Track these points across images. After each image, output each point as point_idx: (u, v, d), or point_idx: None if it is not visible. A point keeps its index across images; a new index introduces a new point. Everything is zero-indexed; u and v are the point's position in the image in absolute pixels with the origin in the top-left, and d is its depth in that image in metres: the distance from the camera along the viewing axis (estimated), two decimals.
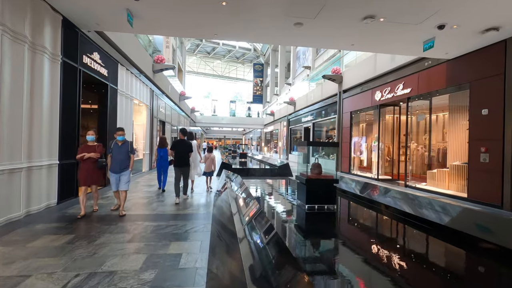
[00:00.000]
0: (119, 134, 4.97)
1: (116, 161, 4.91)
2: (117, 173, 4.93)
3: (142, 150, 11.38)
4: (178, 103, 19.20)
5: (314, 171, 4.27)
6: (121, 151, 4.95)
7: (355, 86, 11.87)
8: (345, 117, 12.71)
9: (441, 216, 3.24)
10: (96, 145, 4.94)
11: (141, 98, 10.68)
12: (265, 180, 9.07)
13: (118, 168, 4.92)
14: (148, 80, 11.57)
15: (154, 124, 12.77)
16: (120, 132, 5.00)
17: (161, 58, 12.03)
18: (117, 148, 4.94)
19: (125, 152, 4.98)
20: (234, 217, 3.49)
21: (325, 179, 4.16)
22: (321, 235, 3.42)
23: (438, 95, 7.89)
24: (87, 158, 4.75)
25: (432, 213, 3.36)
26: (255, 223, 2.73)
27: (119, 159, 4.92)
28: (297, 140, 21.10)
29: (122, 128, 5.11)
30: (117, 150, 4.94)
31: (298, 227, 3.64)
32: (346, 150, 12.47)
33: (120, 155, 4.93)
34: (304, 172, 4.39)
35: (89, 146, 4.88)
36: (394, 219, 3.94)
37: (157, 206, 5.53)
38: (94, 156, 4.81)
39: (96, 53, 6.95)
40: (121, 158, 4.93)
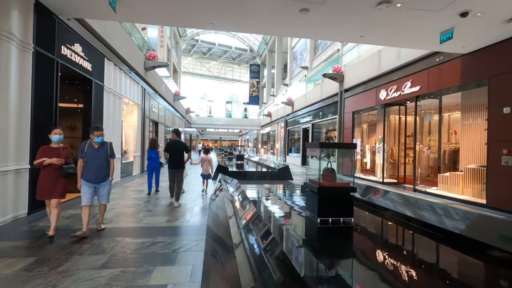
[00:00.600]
0: (97, 135, 3.89)
1: (92, 168, 3.85)
2: (93, 182, 3.87)
3: (132, 152, 10.62)
4: (173, 103, 18.45)
5: (327, 177, 3.60)
6: (99, 155, 3.90)
7: (358, 85, 11.27)
8: (347, 117, 12.11)
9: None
10: (61, 147, 3.87)
11: (131, 96, 9.94)
12: (265, 185, 8.39)
13: (95, 177, 3.86)
14: (139, 78, 10.84)
15: (146, 124, 12.02)
16: (97, 132, 3.90)
17: (153, 54, 11.31)
18: (93, 152, 3.88)
19: (103, 156, 3.94)
20: (232, 232, 2.83)
21: (340, 187, 3.49)
22: (339, 255, 2.76)
23: (450, 93, 7.30)
24: (48, 164, 3.69)
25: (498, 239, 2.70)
26: (259, 241, 2.07)
27: (96, 164, 3.87)
28: (295, 141, 20.46)
29: (101, 127, 4.03)
30: (93, 154, 3.87)
31: (310, 245, 2.95)
32: None
33: (97, 160, 3.88)
34: (314, 179, 3.72)
35: (52, 148, 3.81)
36: (428, 236, 3.28)
37: (143, 217, 4.81)
38: (57, 162, 3.72)
39: (77, 45, 6.22)
40: (98, 163, 3.89)
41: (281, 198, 5.64)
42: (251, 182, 8.99)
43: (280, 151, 23.32)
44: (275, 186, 7.30)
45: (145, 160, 11.56)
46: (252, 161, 17.26)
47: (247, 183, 8.97)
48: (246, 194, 3.97)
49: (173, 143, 5.93)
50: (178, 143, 5.96)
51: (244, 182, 8.75)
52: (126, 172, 9.98)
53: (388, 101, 9.43)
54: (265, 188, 6.63)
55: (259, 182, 9.13)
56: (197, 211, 5.41)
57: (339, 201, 3.48)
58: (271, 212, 4.33)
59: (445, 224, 2.93)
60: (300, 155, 18.11)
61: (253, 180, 9.66)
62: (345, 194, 3.51)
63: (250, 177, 9.99)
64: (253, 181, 9.36)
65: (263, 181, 9.64)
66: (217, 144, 56.86)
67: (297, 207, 4.62)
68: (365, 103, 10.77)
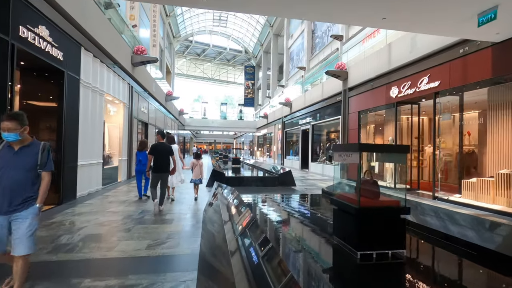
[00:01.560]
0: (3, 128, 2.14)
1: (4, 187, 2.17)
2: (2, 213, 2.16)
3: (117, 156, 9.46)
4: (165, 104, 17.32)
5: (367, 192, 2.56)
6: (16, 164, 2.21)
7: (364, 82, 10.36)
8: (352, 117, 11.17)
9: None
10: None
11: (115, 94, 8.81)
12: (267, 193, 7.35)
13: (7, 203, 2.16)
14: (125, 74, 9.72)
15: (134, 125, 10.88)
16: (6, 123, 2.14)
17: (142, 49, 10.21)
18: (9, 158, 2.21)
19: (25, 166, 2.24)
20: (234, 270, 1.82)
21: (388, 208, 2.46)
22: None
23: (478, 88, 6.39)
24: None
25: None
26: None
27: (10, 179, 2.17)
28: (293, 143, 19.44)
29: (12, 115, 2.20)
30: (8, 160, 2.21)
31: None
32: None
33: (12, 171, 2.19)
34: (349, 194, 2.68)
35: None
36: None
37: (118, 241, 3.71)
38: None
39: (43, 28, 5.11)
40: (13, 178, 2.19)
41: (293, 214, 4.57)
42: (251, 190, 7.94)
43: (277, 154, 22.32)
44: (280, 196, 6.22)
45: (132, 164, 10.43)
46: (250, 165, 16.17)
47: (246, 191, 7.91)
48: (250, 213, 2.93)
49: (158, 145, 5.47)
50: (163, 145, 5.50)
51: (243, 190, 7.68)
52: (110, 178, 8.82)
53: (401, 99, 8.50)
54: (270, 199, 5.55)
55: (260, 190, 8.08)
56: (188, 230, 4.33)
57: (386, 227, 2.44)
58: (288, 241, 3.24)
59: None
60: (299, 158, 17.12)
61: (253, 187, 8.61)
62: (395, 217, 2.48)
63: (249, 183, 8.94)
64: (253, 189, 8.30)
65: (264, 188, 8.59)
66: (212, 147, 55.62)
67: (319, 229, 3.54)
68: (373, 101, 9.85)
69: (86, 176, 6.93)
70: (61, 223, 4.46)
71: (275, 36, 33.77)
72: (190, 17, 35.79)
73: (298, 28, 26.61)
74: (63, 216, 4.92)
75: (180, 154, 7.03)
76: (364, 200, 2.42)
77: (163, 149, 5.42)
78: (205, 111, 31.87)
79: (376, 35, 13.79)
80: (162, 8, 29.09)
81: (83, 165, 6.68)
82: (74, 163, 6.31)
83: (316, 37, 23.42)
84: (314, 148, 15.44)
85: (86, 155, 6.85)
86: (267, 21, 33.52)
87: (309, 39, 24.01)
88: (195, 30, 38.95)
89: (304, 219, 4.01)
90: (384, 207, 2.43)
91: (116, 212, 5.30)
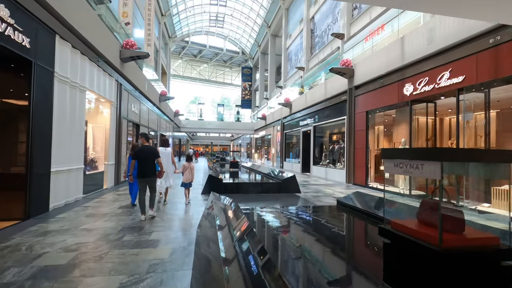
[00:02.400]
0: None
1: None
2: None
3: (103, 160, 8.48)
4: (158, 105, 16.34)
5: (446, 224, 1.63)
6: None
7: (373, 80, 9.53)
8: (359, 118, 10.33)
9: None
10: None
11: (100, 91, 7.86)
12: (271, 202, 6.45)
13: None
14: (112, 70, 8.77)
15: (123, 127, 9.91)
16: None
17: (131, 42, 9.28)
18: None
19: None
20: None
21: (482, 249, 1.54)
22: None
23: (506, 84, 5.57)
24: None
25: None
26: None
27: None
28: (293, 146, 18.55)
29: None
30: None
31: None
32: (362, 158, 10.05)
33: None
34: (414, 224, 1.75)
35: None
36: None
37: (80, 278, 2.77)
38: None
39: (1, 6, 4.17)
40: None
41: (313, 239, 3.63)
42: (252, 198, 7.02)
43: (276, 156, 21.43)
44: (289, 208, 5.32)
45: (121, 170, 9.47)
46: (249, 168, 15.23)
47: (246, 199, 7.00)
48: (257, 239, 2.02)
49: (142, 149, 5.11)
50: (147, 149, 5.15)
51: (242, 198, 6.74)
52: (94, 185, 7.85)
53: (416, 97, 7.68)
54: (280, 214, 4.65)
55: (261, 198, 7.16)
56: (176, 257, 3.39)
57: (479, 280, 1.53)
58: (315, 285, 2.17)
59: None
60: (300, 161, 16.24)
61: (254, 195, 7.69)
62: (492, 264, 1.57)
63: (249, 190, 8.02)
64: (254, 196, 7.39)
65: (266, 195, 7.68)
66: (208, 149, 54.59)
67: (359, 269, 2.53)
68: (383, 100, 9.01)
69: (63, 184, 5.96)
70: (16, 248, 3.50)
71: (273, 36, 33.01)
72: (187, 17, 34.90)
73: (297, 28, 25.86)
74: (23, 236, 3.95)
75: (173, 158, 6.63)
76: (446, 236, 1.47)
77: (147, 153, 5.06)
78: (201, 113, 30.90)
79: (380, 32, 13.04)
80: (157, 7, 28.18)
81: (58, 172, 5.71)
82: (45, 169, 5.34)
83: (315, 36, 22.67)
84: (316, 150, 14.57)
85: (62, 160, 5.88)
86: (265, 21, 32.78)
87: (308, 38, 23.26)
88: (191, 31, 38.07)
89: (330, 248, 3.04)
90: (479, 248, 1.50)
91: (91, 229, 4.34)
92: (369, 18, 14.87)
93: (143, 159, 4.98)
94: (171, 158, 6.48)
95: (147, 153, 5.03)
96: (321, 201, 6.98)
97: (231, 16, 36.06)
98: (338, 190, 9.08)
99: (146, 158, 5.00)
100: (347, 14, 17.07)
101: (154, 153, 5.13)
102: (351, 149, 10.76)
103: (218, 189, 7.81)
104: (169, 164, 6.38)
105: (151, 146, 5.35)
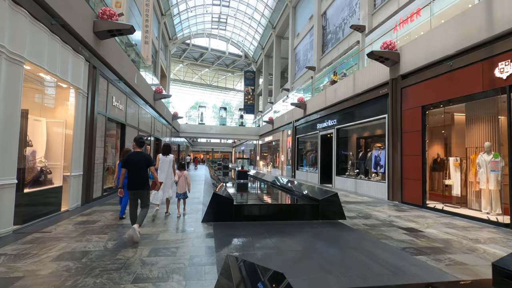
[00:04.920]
0: None
1: None
2: None
3: (61, 171, 5.80)
4: (153, 103, 13.75)
5: None
6: None
7: (432, 64, 6.99)
8: (409, 115, 7.74)
9: None
10: None
11: (55, 69, 5.25)
12: (315, 240, 3.75)
13: None
14: (81, 46, 6.20)
15: (99, 124, 7.30)
16: None
17: (110, 12, 6.73)
18: None
19: None
20: None
21: None
22: None
23: None
24: None
25: None
26: None
27: None
28: (307, 152, 15.92)
29: None
30: None
31: None
32: (415, 169, 7.41)
33: None
34: None
35: None
36: None
37: None
38: None
39: None
40: None
41: None
42: (281, 234, 4.34)
43: (285, 164, 18.75)
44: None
45: (94, 183, 6.85)
46: (262, 180, 12.48)
47: (271, 233, 4.33)
48: None
49: (131, 156, 4.19)
50: (137, 155, 4.21)
51: (265, 232, 4.08)
52: (45, 208, 5.18)
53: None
54: None
55: (295, 233, 4.48)
56: None
57: None
58: None
59: None
60: (317, 171, 13.56)
61: (280, 223, 5.01)
62: None
63: (272, 215, 5.35)
64: (282, 228, 4.70)
65: (299, 225, 5.01)
66: (209, 156, 51.87)
67: None
68: (454, 90, 6.43)
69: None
70: None
71: (278, 38, 30.75)
72: (188, 18, 32.71)
73: (306, 26, 23.57)
74: None
75: (173, 167, 5.79)
76: None
77: (138, 160, 4.20)
78: (202, 116, 28.31)
79: (416, 18, 10.63)
80: (157, 5, 25.95)
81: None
82: None
83: (327, 33, 20.33)
84: (340, 158, 11.92)
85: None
86: (269, 22, 30.58)
87: (320, 36, 20.93)
88: (192, 33, 35.87)
89: None
90: None
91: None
92: (397, 5, 12.50)
93: (133, 168, 4.16)
94: (172, 167, 5.68)
95: (138, 161, 4.17)
96: (388, 237, 4.32)
97: (234, 18, 33.92)
98: (393, 213, 6.42)
99: (136, 166, 4.16)
100: (368, 4, 14.73)
101: (146, 161, 4.26)
102: (395, 157, 8.14)
103: (227, 214, 5.15)
104: (169, 174, 5.64)
105: (143, 152, 4.38)
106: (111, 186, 8.74)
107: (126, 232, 4.19)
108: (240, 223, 5.07)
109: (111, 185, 8.87)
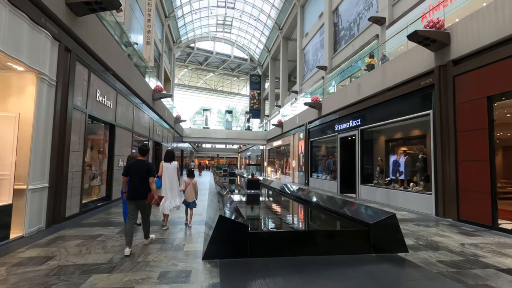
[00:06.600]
0: None
1: None
2: None
3: (11, 183, 4.17)
4: (151, 103, 12.22)
5: None
6: None
7: (502, 42, 5.30)
8: (467, 110, 6.01)
9: None
10: None
11: (5, 47, 3.70)
12: None
13: None
14: (44, 16, 4.68)
15: (75, 123, 5.72)
16: None
17: None
18: None
19: None
20: None
21: None
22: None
23: None
24: None
25: None
26: None
27: None
28: (322, 157, 14.16)
29: None
30: None
31: None
32: (477, 177, 5.65)
33: None
34: None
35: None
36: None
37: None
38: None
39: None
40: None
41: None
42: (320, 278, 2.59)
43: (297, 171, 17.00)
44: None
45: (68, 198, 5.25)
46: (278, 191, 10.71)
47: (306, 283, 2.61)
48: None
49: (132, 164, 4.00)
50: (138, 163, 4.01)
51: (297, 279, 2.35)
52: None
53: None
54: None
55: (335, 276, 2.72)
56: None
57: None
58: None
59: None
60: (336, 178, 11.79)
61: (315, 261, 3.28)
62: None
63: (302, 246, 3.64)
64: (321, 271, 2.96)
65: (344, 263, 3.28)
66: (214, 162, 50.29)
67: None
68: None
69: None
70: None
71: (285, 39, 29.28)
72: (192, 21, 31.54)
73: (315, 24, 22.06)
74: None
75: (178, 174, 5.28)
76: None
77: (139, 169, 3.92)
78: (207, 120, 26.78)
79: (450, 3, 9.03)
80: (160, 7, 24.77)
81: None
82: None
83: (340, 30, 18.76)
84: (364, 163, 10.17)
85: None
86: (276, 23, 29.20)
87: (331, 33, 19.37)
88: (197, 36, 34.70)
89: None
90: None
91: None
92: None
93: (134, 177, 3.91)
94: (176, 175, 5.24)
95: (138, 170, 3.91)
96: (486, 285, 2.60)
97: (240, 20, 32.67)
98: (464, 240, 4.65)
99: (137, 175, 3.90)
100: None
101: (147, 170, 3.95)
102: (446, 162, 6.39)
103: (240, 247, 3.47)
104: (174, 181, 5.18)
105: (145, 160, 4.09)
106: (96, 199, 7.15)
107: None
108: (259, 260, 3.38)
109: (96, 197, 7.29)
